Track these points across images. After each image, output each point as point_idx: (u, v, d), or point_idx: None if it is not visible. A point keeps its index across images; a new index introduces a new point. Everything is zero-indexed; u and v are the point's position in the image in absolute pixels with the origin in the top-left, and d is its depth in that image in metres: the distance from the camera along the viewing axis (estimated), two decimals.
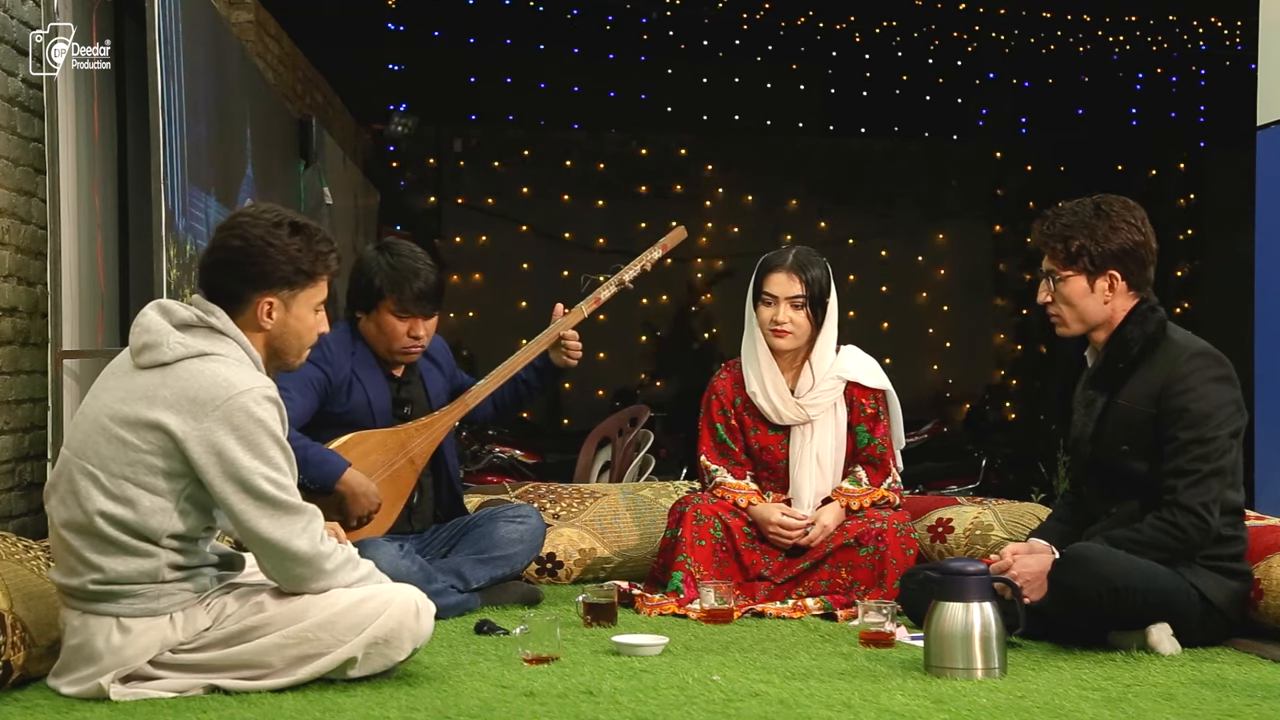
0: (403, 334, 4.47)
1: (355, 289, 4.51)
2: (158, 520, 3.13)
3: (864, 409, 4.71)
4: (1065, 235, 3.85)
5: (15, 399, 4.70)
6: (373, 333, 4.51)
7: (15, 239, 4.68)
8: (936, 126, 13.61)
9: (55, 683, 3.21)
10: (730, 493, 4.67)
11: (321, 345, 4.28)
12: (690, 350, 13.40)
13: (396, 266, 4.44)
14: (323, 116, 9.23)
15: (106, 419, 3.16)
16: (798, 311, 4.61)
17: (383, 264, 4.45)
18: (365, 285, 4.47)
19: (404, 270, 4.43)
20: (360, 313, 4.52)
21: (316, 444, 4.27)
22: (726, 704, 3.09)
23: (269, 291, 3.25)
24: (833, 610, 4.40)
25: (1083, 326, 3.91)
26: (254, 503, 3.12)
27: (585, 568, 5.14)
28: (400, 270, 4.43)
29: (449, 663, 3.54)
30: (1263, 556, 3.93)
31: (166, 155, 4.66)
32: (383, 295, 4.44)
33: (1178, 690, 3.25)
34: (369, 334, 4.52)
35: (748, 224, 13.26)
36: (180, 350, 3.16)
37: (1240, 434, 3.80)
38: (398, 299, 4.42)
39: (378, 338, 4.50)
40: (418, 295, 4.43)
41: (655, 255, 4.80)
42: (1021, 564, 3.77)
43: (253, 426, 3.12)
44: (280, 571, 3.19)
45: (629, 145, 13.42)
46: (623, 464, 7.51)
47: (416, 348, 4.51)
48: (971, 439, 11.88)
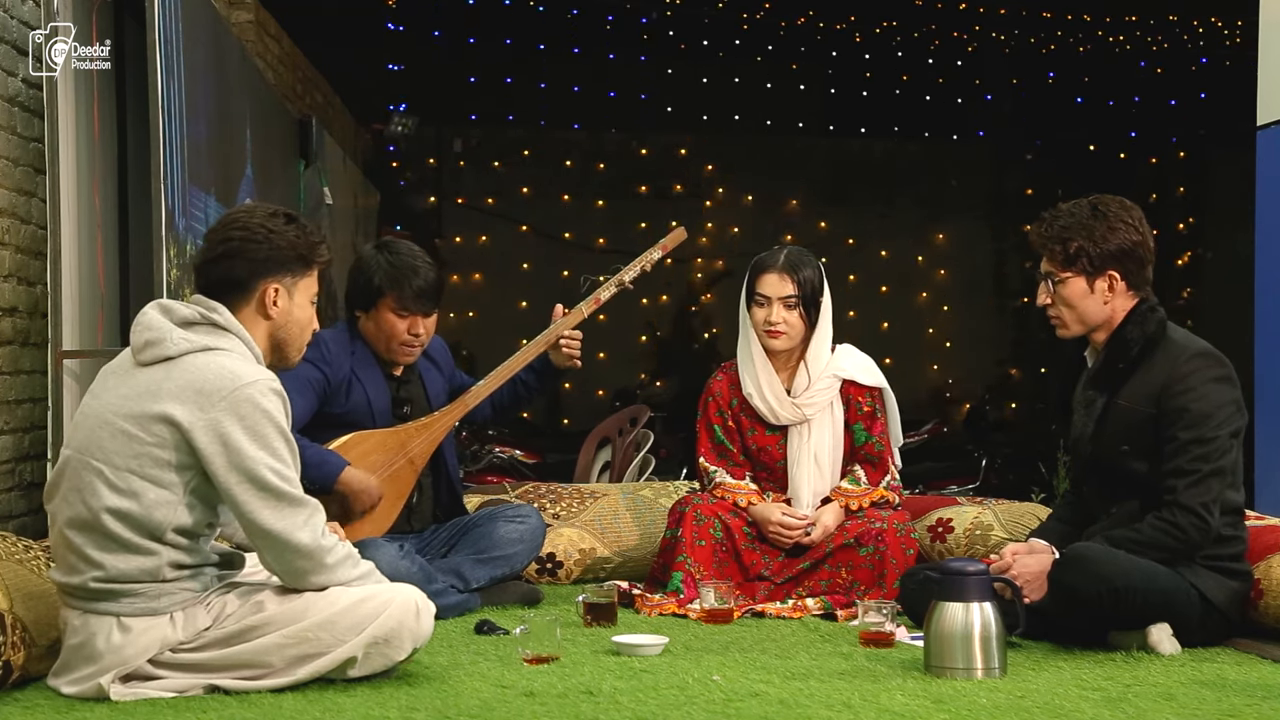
0: (402, 332, 4.47)
1: (355, 287, 4.51)
2: (163, 513, 3.14)
3: (860, 407, 4.71)
4: (1063, 237, 3.85)
5: (15, 399, 4.70)
6: (372, 331, 4.51)
7: (15, 239, 4.68)
8: (936, 126, 13.61)
9: (55, 682, 3.21)
10: (730, 493, 4.67)
11: (320, 345, 4.32)
12: (690, 350, 13.40)
13: (396, 265, 4.44)
14: (323, 116, 9.23)
15: (111, 414, 3.17)
16: (791, 312, 4.61)
17: (382, 262, 4.46)
18: (365, 284, 4.47)
19: (404, 268, 4.43)
20: (360, 311, 4.52)
21: (315, 444, 4.27)
22: (726, 704, 3.09)
23: (274, 277, 3.29)
24: (833, 610, 4.40)
25: (1083, 328, 3.91)
26: (258, 493, 3.13)
27: (585, 568, 5.14)
28: (400, 268, 4.43)
29: (449, 663, 3.54)
30: (1263, 556, 3.94)
31: (166, 155, 4.66)
32: (382, 293, 4.44)
33: (1178, 690, 3.25)
34: (368, 333, 4.52)
35: (747, 224, 13.26)
36: (184, 345, 3.19)
37: (1240, 434, 3.81)
38: (398, 297, 4.43)
39: (377, 336, 4.50)
40: (417, 293, 4.43)
41: (655, 256, 4.80)
42: (1021, 564, 3.77)
43: (259, 417, 3.13)
44: (281, 564, 3.20)
45: (629, 145, 13.41)
46: (623, 464, 7.51)
47: (416, 346, 4.51)
48: (971, 439, 11.87)
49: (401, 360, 4.56)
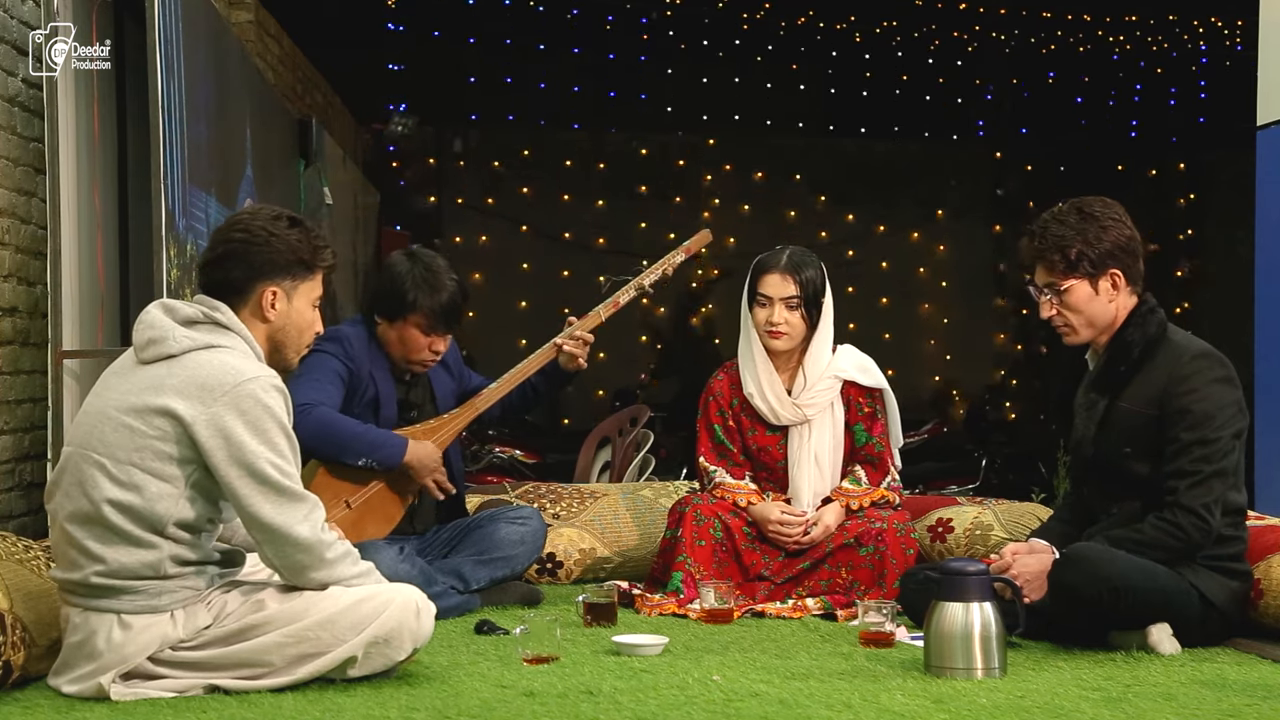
0: (424, 347, 4.50)
1: (384, 296, 4.51)
2: (164, 506, 3.14)
3: (861, 408, 4.71)
4: (1061, 245, 3.85)
5: (15, 399, 4.70)
6: (393, 340, 4.52)
7: (15, 239, 4.68)
8: (936, 126, 13.61)
9: (55, 681, 3.21)
10: (730, 493, 4.67)
11: (344, 342, 4.43)
12: (690, 350, 13.38)
13: (432, 284, 4.46)
14: (323, 116, 9.23)
15: (113, 409, 3.19)
16: (792, 312, 4.61)
17: (417, 278, 4.46)
18: (397, 296, 4.46)
19: (438, 287, 4.46)
20: (383, 319, 4.52)
21: (373, 426, 4.38)
22: (726, 704, 3.09)
23: (273, 280, 3.30)
24: (833, 610, 4.40)
25: (1093, 331, 3.91)
26: (258, 487, 3.14)
27: (585, 568, 5.14)
28: (435, 287, 4.45)
29: (449, 663, 3.54)
30: (1263, 556, 3.94)
31: (166, 155, 4.66)
32: (414, 309, 4.45)
33: (1178, 690, 3.25)
34: (388, 339, 4.53)
35: (747, 224, 13.25)
36: (187, 343, 3.21)
37: (1242, 435, 3.81)
38: (428, 315, 4.45)
39: (396, 346, 4.52)
40: (447, 314, 4.47)
41: (679, 259, 4.78)
42: (1021, 564, 3.77)
43: (260, 412, 3.14)
44: (281, 558, 3.20)
45: (629, 145, 13.41)
46: (623, 464, 7.52)
47: (433, 361, 4.55)
48: (971, 439, 11.88)
49: (416, 371, 4.58)
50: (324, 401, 4.30)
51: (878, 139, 13.67)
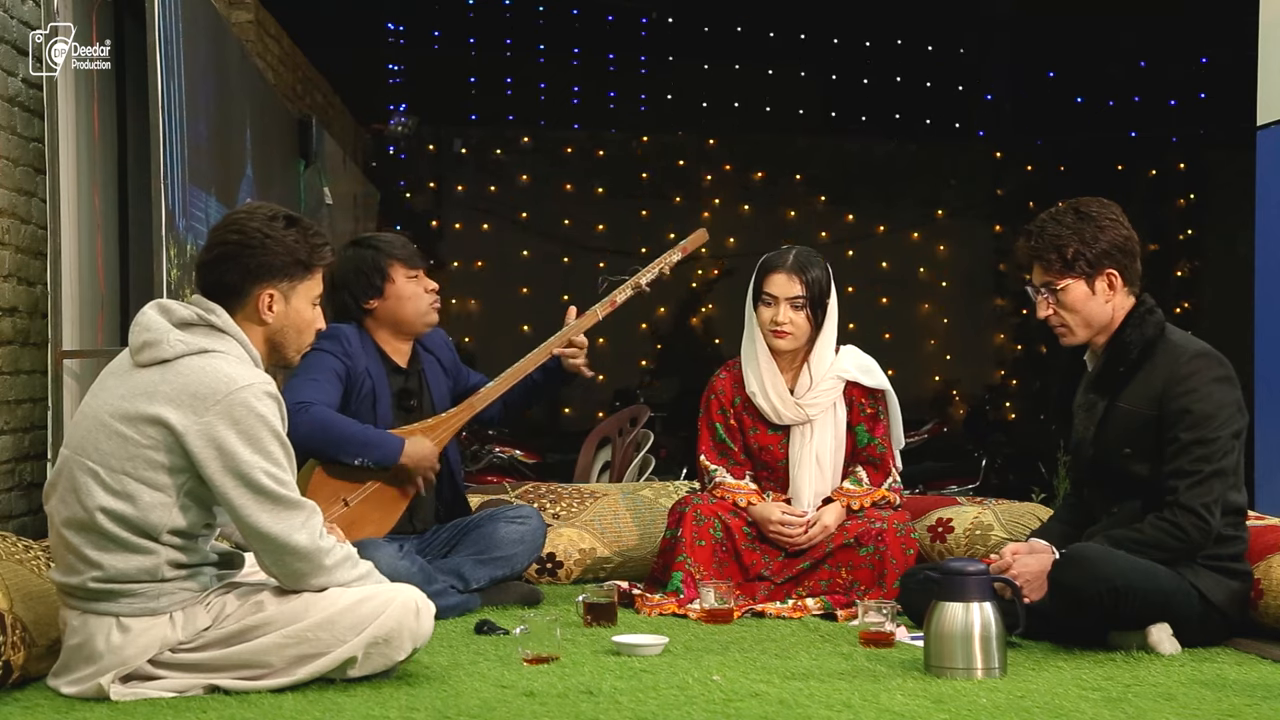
0: (422, 291, 4.58)
1: (357, 283, 4.55)
2: (158, 515, 3.13)
3: (863, 409, 4.71)
4: (1058, 245, 3.85)
5: (15, 399, 4.70)
6: (393, 311, 4.56)
7: (15, 239, 4.68)
8: (936, 126, 13.60)
9: (55, 683, 3.21)
10: (730, 492, 4.67)
11: (341, 339, 4.45)
12: (690, 350, 13.38)
13: (379, 240, 4.69)
14: (323, 116, 9.22)
15: (107, 415, 3.16)
16: (798, 312, 4.61)
17: (367, 245, 4.65)
18: (368, 270, 4.56)
19: (386, 238, 4.71)
20: (374, 300, 4.54)
21: (370, 426, 4.40)
22: (726, 704, 3.09)
23: (269, 283, 3.27)
24: (833, 610, 4.40)
25: (1089, 331, 3.90)
26: (253, 497, 3.12)
27: (585, 568, 5.14)
28: (384, 239, 4.69)
29: (449, 663, 3.54)
30: (1263, 556, 3.94)
31: (166, 155, 4.66)
32: (391, 262, 4.55)
33: (1178, 690, 3.25)
34: (389, 314, 4.57)
35: (747, 224, 13.24)
36: (181, 347, 3.18)
37: (1242, 435, 3.80)
38: (403, 258, 4.57)
39: (402, 311, 4.56)
40: (413, 248, 4.64)
41: (675, 258, 4.78)
42: (1021, 564, 3.76)
43: (253, 421, 3.12)
44: (279, 566, 3.19)
45: (629, 145, 13.41)
46: (623, 464, 7.51)
47: (437, 302, 4.64)
48: (971, 439, 11.87)
49: (432, 320, 4.63)
50: (322, 400, 4.31)
51: (878, 139, 13.67)
